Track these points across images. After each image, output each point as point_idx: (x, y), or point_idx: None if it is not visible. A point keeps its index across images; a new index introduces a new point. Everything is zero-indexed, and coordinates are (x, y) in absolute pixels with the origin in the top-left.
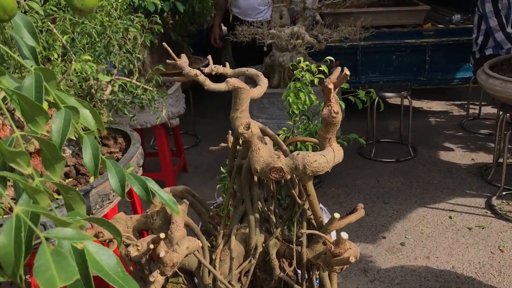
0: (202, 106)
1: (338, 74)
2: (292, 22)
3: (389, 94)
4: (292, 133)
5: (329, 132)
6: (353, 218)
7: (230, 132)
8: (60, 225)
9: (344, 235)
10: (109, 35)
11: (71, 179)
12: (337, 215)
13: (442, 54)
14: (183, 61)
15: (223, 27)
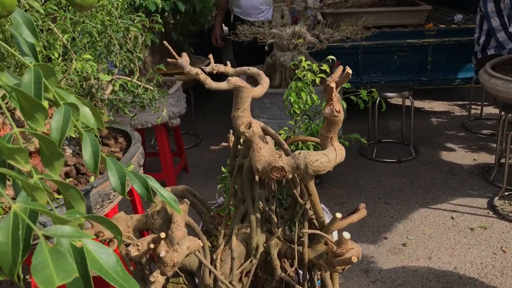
0: (203, 106)
1: (340, 72)
2: (293, 22)
3: (391, 94)
4: (294, 132)
5: (331, 131)
6: (355, 218)
7: (231, 131)
8: (58, 223)
9: (346, 235)
10: (110, 34)
11: (72, 178)
12: (339, 215)
13: (444, 54)
14: (184, 59)
15: (224, 27)
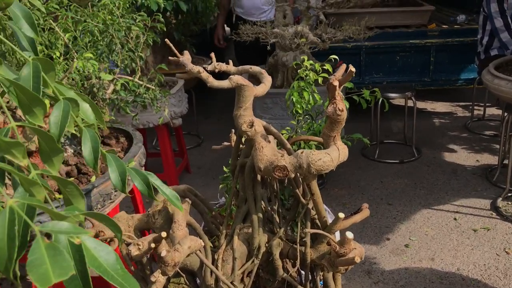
0: (205, 106)
1: (343, 71)
2: (295, 22)
3: (393, 95)
4: (296, 132)
5: (334, 130)
6: (358, 218)
7: (233, 130)
8: (56, 219)
9: (349, 234)
10: (112, 33)
11: (73, 178)
12: (341, 214)
13: (447, 54)
14: (186, 58)
15: (226, 28)
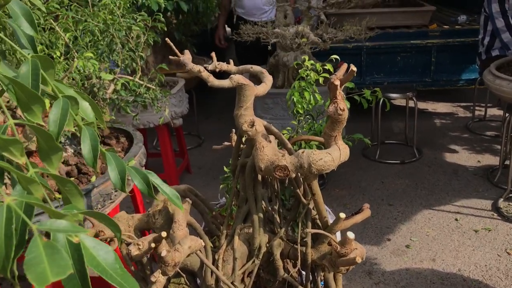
0: (206, 106)
1: (344, 70)
2: (296, 22)
3: (394, 95)
4: (297, 132)
5: (335, 129)
6: (359, 218)
7: (234, 130)
8: (54, 217)
9: (351, 234)
10: (112, 33)
11: (73, 178)
12: (342, 215)
13: (448, 55)
14: (187, 57)
15: (227, 28)
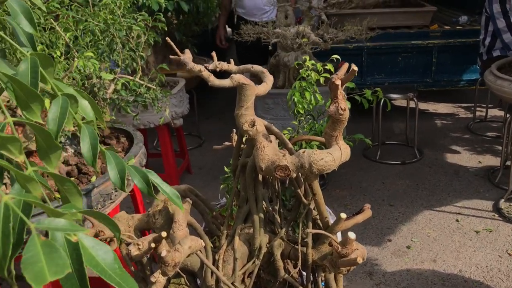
0: (206, 106)
1: (345, 70)
2: (297, 22)
3: (395, 96)
4: (297, 133)
5: (336, 129)
6: (360, 218)
7: (234, 130)
8: (52, 216)
9: (352, 235)
10: (113, 33)
11: (73, 178)
12: (343, 215)
13: (449, 55)
14: (187, 56)
15: (228, 29)
